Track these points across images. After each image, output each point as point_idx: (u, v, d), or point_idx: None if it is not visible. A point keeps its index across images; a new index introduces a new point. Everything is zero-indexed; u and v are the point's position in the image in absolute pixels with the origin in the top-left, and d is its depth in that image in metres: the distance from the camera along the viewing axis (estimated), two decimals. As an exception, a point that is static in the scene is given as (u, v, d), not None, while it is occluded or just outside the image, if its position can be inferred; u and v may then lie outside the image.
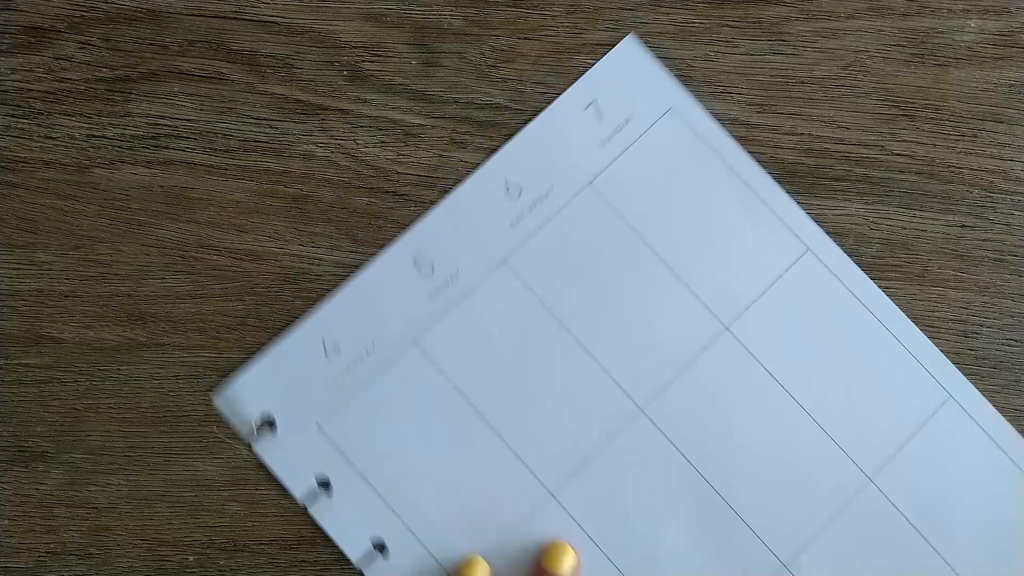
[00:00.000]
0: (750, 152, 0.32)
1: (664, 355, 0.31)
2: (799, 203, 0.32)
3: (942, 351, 0.31)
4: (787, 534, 0.30)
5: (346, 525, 0.30)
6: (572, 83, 0.32)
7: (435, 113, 0.32)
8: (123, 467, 0.30)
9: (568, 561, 0.29)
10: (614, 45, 0.32)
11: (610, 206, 0.32)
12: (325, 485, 0.30)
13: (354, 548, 0.30)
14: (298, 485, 0.30)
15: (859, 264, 0.32)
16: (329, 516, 0.30)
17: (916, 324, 0.31)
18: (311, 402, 0.30)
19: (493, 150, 0.32)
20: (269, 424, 0.30)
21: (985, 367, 0.31)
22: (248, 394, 0.30)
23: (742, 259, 0.31)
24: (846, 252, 0.32)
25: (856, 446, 0.30)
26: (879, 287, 0.31)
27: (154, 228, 0.31)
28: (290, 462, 0.30)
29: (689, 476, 0.30)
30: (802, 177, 0.32)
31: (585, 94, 0.32)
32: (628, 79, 0.32)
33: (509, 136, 0.32)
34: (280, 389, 0.30)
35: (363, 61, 0.32)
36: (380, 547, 0.30)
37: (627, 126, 0.32)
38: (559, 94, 0.32)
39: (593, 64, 0.32)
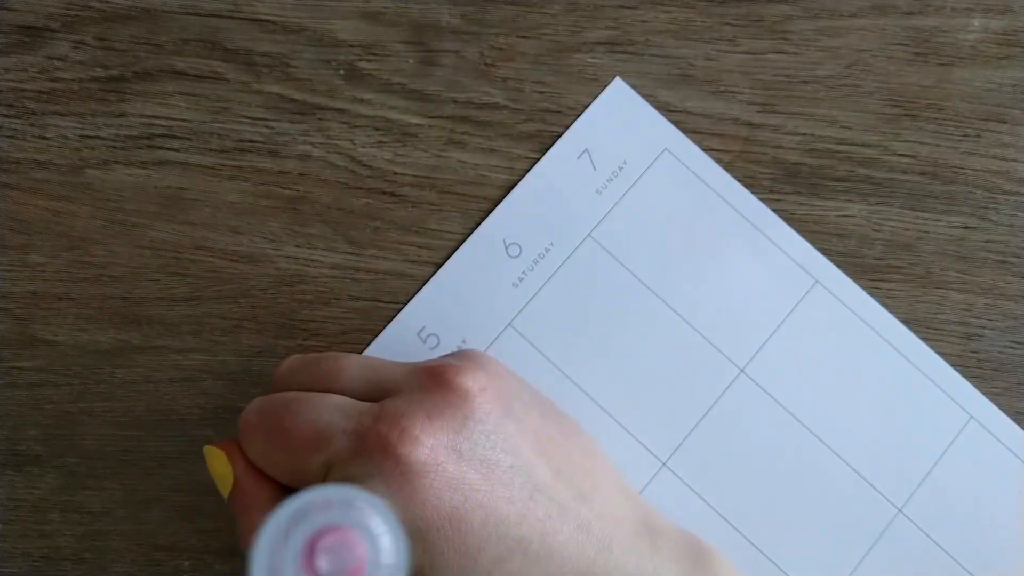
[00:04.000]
0: (751, 153, 0.32)
1: (680, 405, 0.30)
2: (801, 204, 0.32)
3: (944, 354, 0.31)
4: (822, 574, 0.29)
5: None
6: (571, 84, 0.32)
7: (433, 112, 0.32)
8: (118, 471, 0.30)
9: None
10: (614, 44, 0.32)
11: (612, 256, 0.31)
12: None
13: None
14: None
15: (861, 266, 0.31)
16: None
17: (918, 327, 0.31)
18: None
19: (492, 151, 0.32)
20: None
21: (988, 370, 0.31)
22: None
23: (752, 298, 0.31)
24: (849, 259, 0.31)
25: (882, 478, 0.30)
26: (882, 289, 0.31)
27: (148, 229, 0.31)
28: None
29: (717, 525, 0.29)
30: (804, 177, 0.32)
31: (576, 144, 0.31)
32: (619, 123, 0.32)
33: (508, 136, 0.32)
34: None
35: (360, 60, 0.32)
36: None
37: (622, 172, 0.31)
38: (559, 94, 0.32)
39: (592, 64, 0.32)
